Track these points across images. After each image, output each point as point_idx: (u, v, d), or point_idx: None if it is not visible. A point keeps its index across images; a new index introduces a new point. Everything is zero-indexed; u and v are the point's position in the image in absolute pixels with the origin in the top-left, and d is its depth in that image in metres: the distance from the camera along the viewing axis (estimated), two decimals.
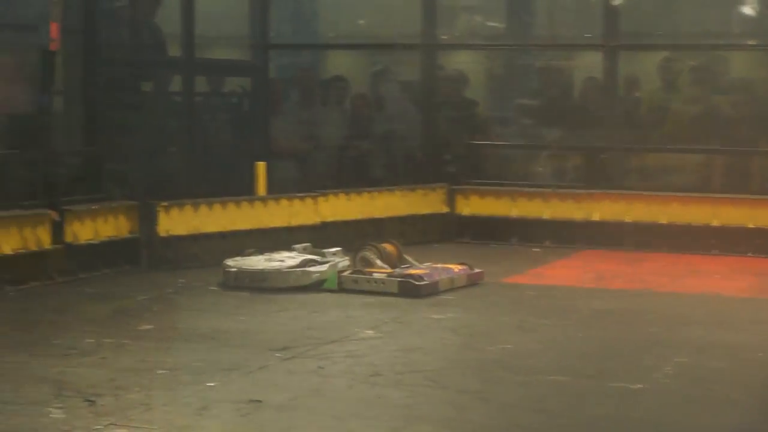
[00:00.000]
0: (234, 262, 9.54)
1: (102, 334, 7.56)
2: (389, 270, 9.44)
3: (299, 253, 9.78)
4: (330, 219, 11.24)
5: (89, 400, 6.00)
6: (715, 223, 11.41)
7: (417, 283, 9.07)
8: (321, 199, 11.25)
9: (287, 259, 9.60)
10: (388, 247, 9.83)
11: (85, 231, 9.76)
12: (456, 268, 9.63)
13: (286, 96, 14.08)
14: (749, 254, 11.13)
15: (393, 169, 13.41)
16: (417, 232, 11.87)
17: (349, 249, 10.02)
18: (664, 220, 11.52)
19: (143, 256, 10.12)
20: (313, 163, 13.53)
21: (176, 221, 10.18)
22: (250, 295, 9.05)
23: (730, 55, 13.01)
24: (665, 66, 12.86)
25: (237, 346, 7.35)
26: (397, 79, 13.94)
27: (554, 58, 13.82)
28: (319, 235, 10.88)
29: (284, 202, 10.96)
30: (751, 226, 11.31)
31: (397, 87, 13.89)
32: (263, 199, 10.80)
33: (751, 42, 12.91)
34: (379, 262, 9.62)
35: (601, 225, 11.61)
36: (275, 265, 9.48)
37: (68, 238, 9.61)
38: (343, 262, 9.59)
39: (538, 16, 14.43)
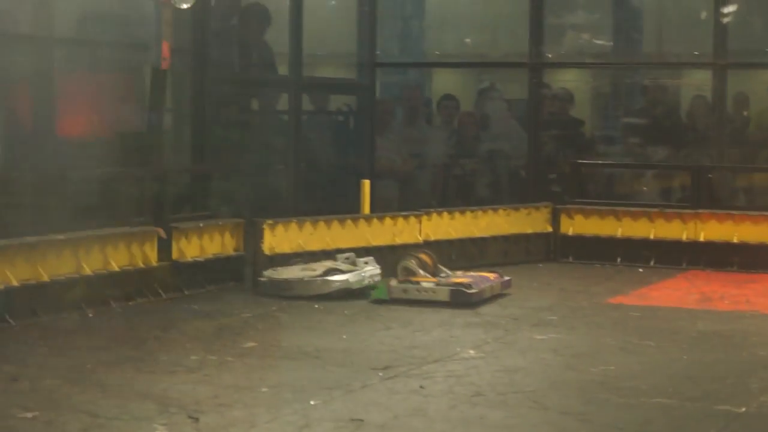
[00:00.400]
0: (268, 272, 9.78)
1: (206, 351, 7.64)
2: (434, 279, 9.61)
3: (342, 263, 9.90)
4: (432, 238, 11.25)
5: (193, 417, 6.07)
6: None
7: (468, 291, 9.27)
8: (424, 218, 11.27)
9: (319, 269, 9.75)
10: (425, 257, 9.97)
11: (191, 248, 9.89)
12: (491, 276, 9.84)
13: (392, 114, 14.15)
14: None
15: (497, 188, 13.41)
16: (520, 252, 11.84)
17: (455, 267, 10.09)
18: None
19: (248, 274, 10.21)
20: (417, 182, 13.58)
21: (281, 239, 10.26)
22: (350, 313, 9.10)
23: None
24: None
25: (339, 364, 7.38)
26: (504, 97, 13.94)
27: (661, 76, 13.73)
28: None
29: (388, 221, 11.00)
30: None
31: (503, 105, 13.89)
32: (367, 218, 10.85)
33: None
34: (421, 272, 9.78)
35: (707, 245, 11.47)
36: (302, 274, 9.66)
37: (175, 255, 9.74)
38: (373, 270, 9.76)
39: (646, 34, 14.34)
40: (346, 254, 10.14)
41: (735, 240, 11.47)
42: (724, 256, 11.41)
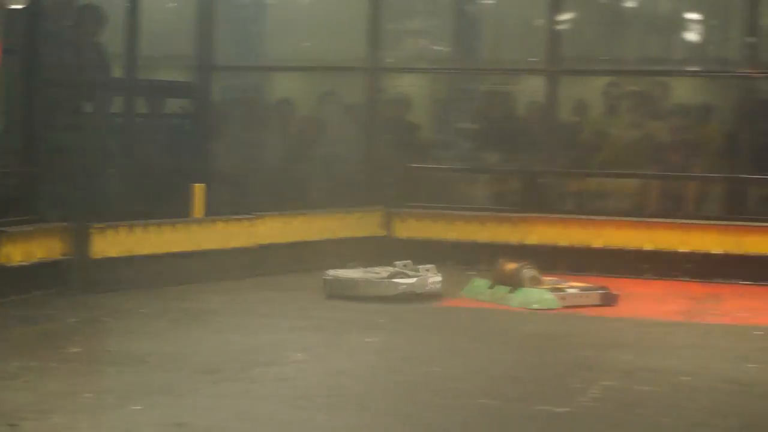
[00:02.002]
0: (332, 272, 10.18)
1: (29, 357, 7.50)
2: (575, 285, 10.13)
3: (399, 269, 10.26)
4: (267, 242, 11.23)
5: (12, 424, 5.95)
6: (648, 247, 11.52)
7: (613, 293, 9.93)
8: (258, 222, 11.25)
9: (382, 272, 10.21)
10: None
11: (17, 252, 9.70)
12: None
13: (229, 118, 14.07)
14: (681, 278, 11.25)
15: (333, 192, 13.43)
16: (353, 255, 11.87)
17: (288, 271, 10.14)
18: (598, 244, 11.61)
19: (76, 279, 10.05)
20: (252, 186, 13.52)
21: (110, 243, 10.14)
22: (182, 316, 9.04)
23: (671, 81, 13.11)
24: (607, 91, 12.98)
25: (166, 369, 7.31)
26: (342, 102, 13.97)
27: (498, 82, 13.90)
28: (255, 258, 10.92)
29: (220, 225, 10.94)
30: (683, 249, 11.43)
31: (341, 110, 13.92)
32: (199, 221, 10.78)
33: (692, 68, 13.04)
34: (545, 278, 10.19)
35: (537, 248, 11.67)
36: (368, 276, 10.10)
37: (1, 259, 9.54)
38: (435, 277, 10.07)
39: (484, 41, 14.51)
40: (404, 261, 10.41)
41: (563, 243, 11.70)
42: (552, 259, 11.60)
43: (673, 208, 12.11)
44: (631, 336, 8.64)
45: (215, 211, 11.20)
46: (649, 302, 10.19)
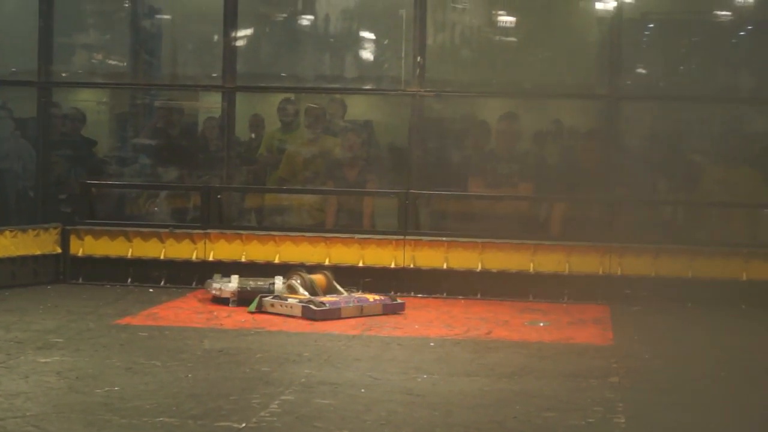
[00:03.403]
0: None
1: None
2: (305, 297, 10.45)
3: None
4: None
5: None
6: (327, 261, 11.70)
7: (315, 308, 10.13)
8: None
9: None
10: (317, 278, 10.85)
11: None
12: (371, 298, 10.61)
13: None
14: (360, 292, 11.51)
15: (5, 209, 13.03)
16: (28, 274, 11.60)
17: None
18: (278, 260, 11.71)
19: None
20: None
21: None
22: None
23: (346, 99, 13.36)
24: (282, 108, 13.11)
25: None
26: (12, 116, 13.55)
27: (176, 97, 13.82)
28: None
29: None
30: (360, 264, 11.69)
31: (12, 125, 13.50)
32: None
33: (366, 86, 13.33)
34: (301, 290, 10.61)
35: (217, 265, 11.66)
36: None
37: None
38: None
39: (163, 57, 14.40)
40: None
41: (243, 259, 11.76)
42: (233, 272, 11.63)
43: (350, 224, 12.34)
44: (311, 350, 8.75)
45: None
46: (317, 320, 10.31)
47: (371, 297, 10.67)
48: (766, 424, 6.99)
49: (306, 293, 10.59)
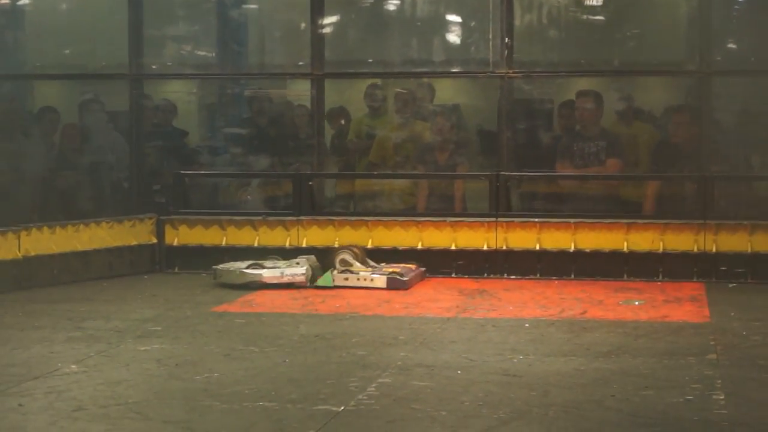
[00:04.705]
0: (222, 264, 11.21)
1: None
2: (368, 269, 11.05)
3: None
4: (33, 253, 10.99)
5: None
6: (420, 246, 11.73)
7: (402, 278, 10.81)
8: (23, 234, 10.98)
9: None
10: (357, 251, 11.28)
11: None
12: (412, 267, 11.27)
13: None
14: (453, 275, 11.52)
15: (100, 201, 13.23)
16: (125, 264, 11.78)
17: (58, 283, 9.97)
18: (370, 245, 11.76)
19: None
20: (16, 197, 13.17)
21: None
22: None
23: (434, 82, 13.36)
24: (370, 93, 13.14)
25: None
26: (106, 109, 13.75)
27: (265, 86, 13.92)
28: (22, 270, 10.72)
29: None
30: (453, 247, 11.69)
31: (105, 117, 13.70)
32: None
33: (454, 69, 13.32)
34: (357, 263, 11.07)
35: (311, 251, 11.73)
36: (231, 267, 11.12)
37: None
38: (297, 269, 10.92)
39: (250, 45, 14.52)
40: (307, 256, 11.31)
41: (337, 245, 11.78)
42: (326, 261, 11.71)
43: (441, 207, 12.34)
44: (407, 333, 8.78)
45: None
46: (423, 299, 10.36)
47: (412, 266, 11.29)
48: None
49: (362, 266, 11.08)
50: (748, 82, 12.94)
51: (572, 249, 11.54)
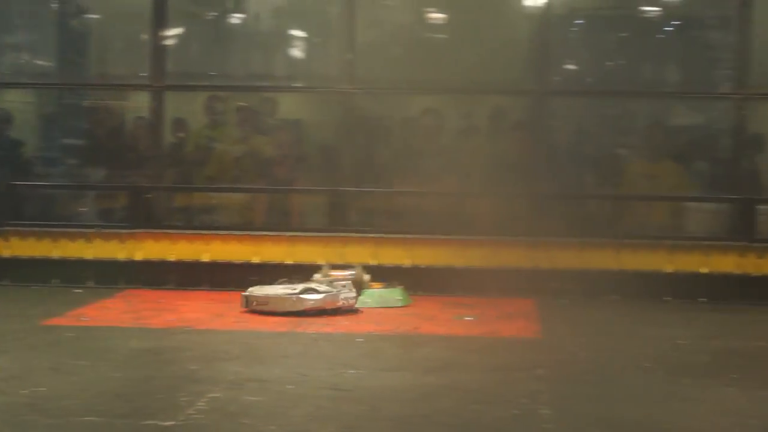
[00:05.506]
0: (251, 289, 10.54)
1: None
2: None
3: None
4: None
5: None
6: (255, 259, 11.72)
7: None
8: None
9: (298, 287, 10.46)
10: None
11: None
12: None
13: None
14: None
15: None
16: None
17: None
18: (206, 258, 11.71)
19: None
20: None
21: None
22: None
23: (276, 97, 13.34)
24: (209, 106, 13.07)
25: None
26: None
27: (104, 97, 13.74)
28: None
29: None
30: (289, 261, 11.69)
31: None
32: None
33: (296, 84, 13.33)
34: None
35: (145, 264, 11.64)
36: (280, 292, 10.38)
37: None
38: (349, 293, 10.44)
39: (89, 56, 14.32)
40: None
41: (171, 258, 11.73)
42: (161, 274, 11.65)
43: (279, 222, 12.34)
44: (239, 348, 8.75)
45: None
46: (255, 314, 10.33)
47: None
48: (689, 416, 7.09)
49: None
50: (583, 102, 13.23)
51: (409, 265, 11.63)
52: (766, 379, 8.08)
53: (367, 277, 10.88)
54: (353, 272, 10.92)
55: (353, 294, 10.57)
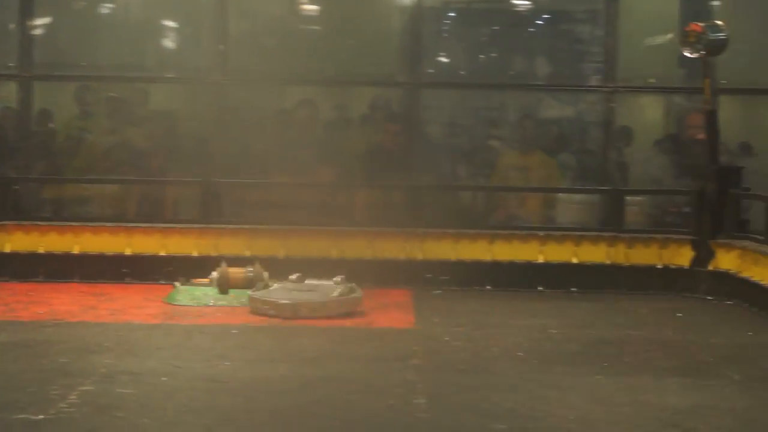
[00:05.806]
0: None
1: None
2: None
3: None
4: None
5: None
6: (128, 251, 11.59)
7: None
8: None
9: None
10: None
11: None
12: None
13: None
14: (161, 281, 11.39)
15: None
16: None
17: None
18: (77, 250, 11.55)
19: None
20: None
21: None
22: None
23: (148, 87, 13.20)
24: (80, 96, 12.89)
25: None
26: None
27: None
28: None
29: None
30: (162, 253, 11.59)
31: None
32: None
33: (168, 74, 13.19)
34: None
35: (14, 256, 11.45)
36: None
37: None
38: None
39: None
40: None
41: (41, 250, 11.54)
42: (30, 267, 11.45)
43: (152, 213, 12.20)
44: (112, 340, 8.64)
45: None
46: (129, 307, 10.22)
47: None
48: (562, 404, 7.18)
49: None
50: (456, 94, 13.34)
51: (282, 256, 11.60)
52: (635, 367, 8.23)
53: (266, 274, 10.74)
54: (251, 269, 10.78)
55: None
